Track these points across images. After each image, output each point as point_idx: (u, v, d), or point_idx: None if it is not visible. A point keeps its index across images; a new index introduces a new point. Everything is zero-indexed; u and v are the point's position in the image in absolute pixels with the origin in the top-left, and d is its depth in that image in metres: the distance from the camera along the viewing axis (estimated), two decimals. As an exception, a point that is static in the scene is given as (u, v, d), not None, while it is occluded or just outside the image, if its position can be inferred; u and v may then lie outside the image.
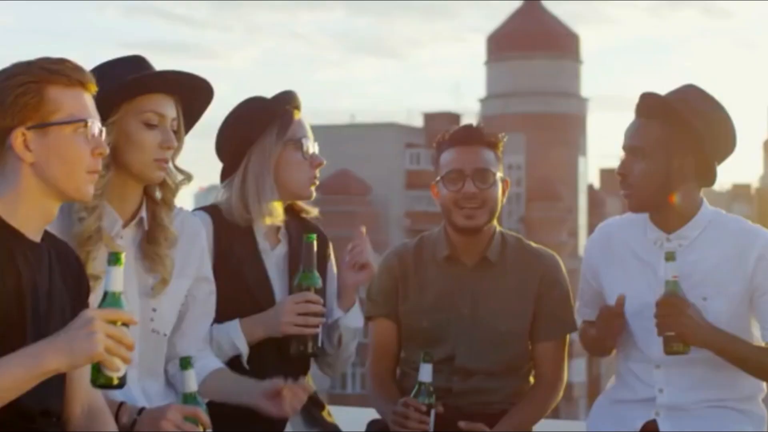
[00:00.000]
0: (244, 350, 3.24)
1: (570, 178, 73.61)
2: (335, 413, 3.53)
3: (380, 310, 3.62)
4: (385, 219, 60.59)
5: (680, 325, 3.09)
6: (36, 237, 2.49)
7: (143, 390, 2.95)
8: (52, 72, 2.43)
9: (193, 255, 3.07)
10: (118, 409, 2.76)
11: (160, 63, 2.99)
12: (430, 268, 3.58)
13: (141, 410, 2.76)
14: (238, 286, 3.28)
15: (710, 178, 3.28)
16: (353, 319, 3.41)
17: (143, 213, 2.94)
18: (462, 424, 3.41)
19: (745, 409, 3.31)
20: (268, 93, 3.38)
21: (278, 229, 3.40)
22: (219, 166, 3.41)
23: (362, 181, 59.64)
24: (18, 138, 2.41)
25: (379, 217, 58.88)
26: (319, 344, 3.22)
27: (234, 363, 3.24)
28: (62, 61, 2.47)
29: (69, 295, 2.55)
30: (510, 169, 60.63)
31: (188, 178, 2.99)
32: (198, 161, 3.00)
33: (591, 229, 3.65)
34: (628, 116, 3.43)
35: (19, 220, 2.44)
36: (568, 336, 3.64)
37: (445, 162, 3.55)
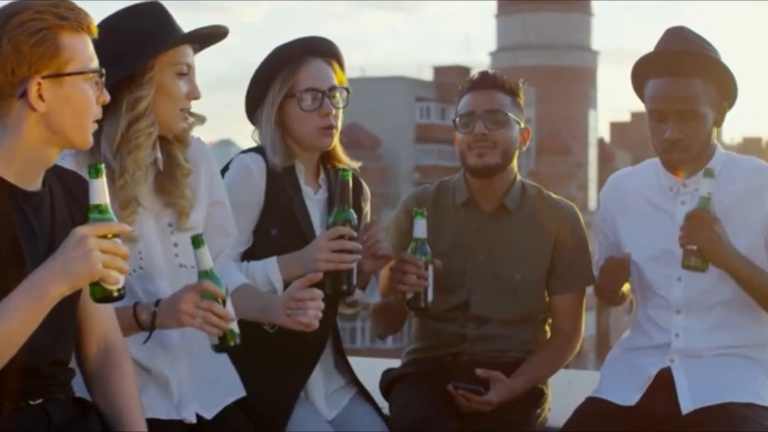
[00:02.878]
0: (279, 286, 3.21)
1: (580, 131, 73.43)
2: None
3: (395, 252, 3.57)
4: (395, 173, 60.54)
5: (704, 239, 3.07)
6: (34, 185, 2.46)
7: (176, 332, 2.92)
8: (63, 18, 2.39)
9: (202, 183, 3.05)
10: (134, 311, 2.77)
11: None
12: (449, 213, 3.58)
13: (157, 302, 2.77)
14: (290, 224, 3.29)
15: (723, 118, 3.30)
16: (370, 295, 3.43)
17: (158, 153, 2.94)
18: (479, 371, 3.41)
19: (759, 357, 3.31)
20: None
21: (317, 174, 3.42)
22: (229, 121, 3.42)
23: (372, 135, 59.45)
24: (33, 87, 2.37)
25: (389, 170, 58.84)
26: (354, 282, 3.16)
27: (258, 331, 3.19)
28: (69, 5, 2.42)
29: None
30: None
31: (201, 120, 2.99)
32: (208, 115, 2.99)
33: (601, 182, 3.67)
34: (639, 70, 3.37)
35: (16, 171, 2.41)
36: (585, 288, 3.63)
37: (460, 107, 3.56)
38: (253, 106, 3.39)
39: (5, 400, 2.38)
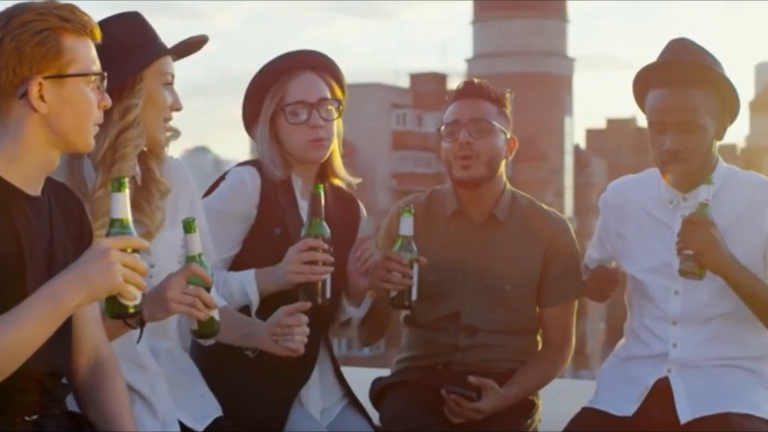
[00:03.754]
0: (254, 299, 3.20)
1: (556, 138, 73.69)
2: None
3: None
4: (371, 180, 60.54)
5: (701, 243, 3.05)
6: (36, 190, 2.44)
7: (152, 349, 2.91)
8: (66, 20, 2.38)
9: (182, 202, 3.03)
10: None
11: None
12: (439, 223, 3.55)
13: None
14: (281, 236, 3.27)
15: (725, 130, 3.27)
16: (364, 312, 3.41)
17: (137, 169, 2.92)
18: (472, 378, 3.39)
19: (757, 369, 3.29)
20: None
21: None
22: (205, 128, 3.42)
23: (348, 142, 59.33)
24: (34, 88, 2.36)
25: (365, 177, 58.54)
26: (327, 294, 3.15)
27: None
28: (72, 8, 2.42)
29: (72, 242, 2.51)
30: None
31: (176, 133, 2.97)
32: (184, 122, 3.00)
33: (577, 189, 3.67)
34: (614, 76, 3.40)
35: (19, 174, 2.39)
36: (576, 301, 3.62)
37: (445, 116, 3.55)
38: (250, 120, 3.40)
39: (2, 416, 2.35)
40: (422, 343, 3.60)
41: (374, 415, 3.52)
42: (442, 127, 3.53)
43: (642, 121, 3.29)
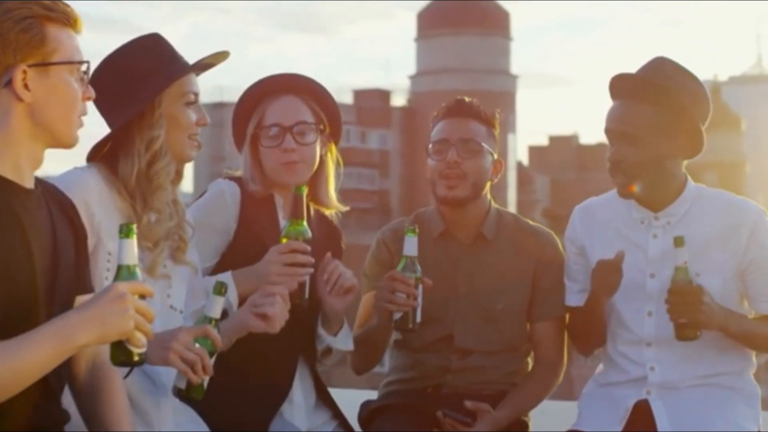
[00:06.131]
0: (234, 301, 3.14)
1: (499, 155, 73.96)
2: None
3: (373, 286, 3.47)
4: (315, 196, 60.26)
5: (696, 312, 3.05)
6: (29, 183, 2.42)
7: (165, 369, 2.87)
8: (49, 9, 2.37)
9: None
10: None
11: (85, 39, 2.94)
12: (426, 245, 3.47)
13: None
14: (259, 252, 3.21)
15: (698, 148, 3.25)
16: (342, 342, 3.35)
17: None
18: (468, 403, 3.38)
19: (737, 385, 3.30)
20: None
21: None
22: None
23: (292, 158, 59.03)
24: (19, 76, 2.33)
25: (309, 193, 58.52)
26: (306, 295, 3.12)
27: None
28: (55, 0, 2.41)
29: (71, 239, 2.50)
30: (440, 146, 60.50)
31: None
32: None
33: (520, 205, 3.68)
34: (556, 93, 3.41)
35: (10, 165, 2.36)
36: (566, 316, 3.58)
37: (433, 134, 3.53)
38: (239, 140, 3.39)
39: None
40: (411, 366, 3.57)
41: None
42: (430, 145, 3.50)
43: (584, 138, 3.29)
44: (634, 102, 3.20)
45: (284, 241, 3.12)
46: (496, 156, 3.54)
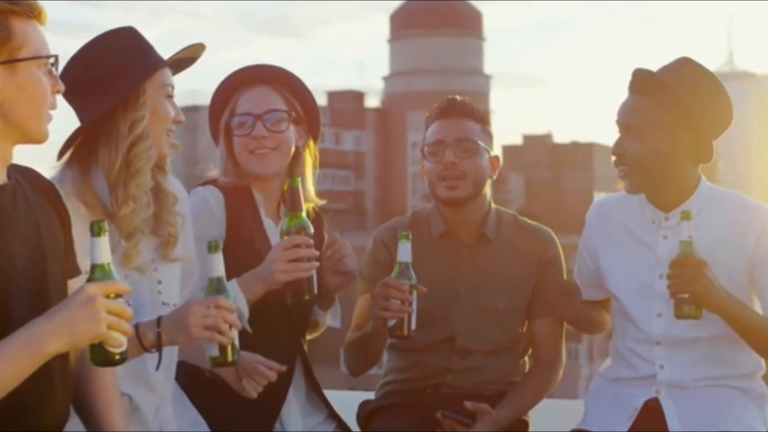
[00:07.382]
0: (244, 307, 3.07)
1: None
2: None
3: (372, 286, 3.39)
4: (290, 198, 60.15)
5: (697, 285, 2.96)
6: (1, 180, 2.36)
7: (161, 375, 2.85)
8: (13, 3, 2.31)
9: (181, 218, 3.00)
10: (137, 331, 2.62)
11: (61, 44, 2.94)
12: (426, 246, 3.46)
13: (159, 320, 2.64)
14: (252, 254, 3.18)
15: (706, 154, 3.20)
16: (331, 318, 3.35)
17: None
18: (468, 404, 3.35)
19: (746, 387, 3.27)
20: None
21: (278, 206, 3.35)
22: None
23: (267, 161, 58.85)
24: None
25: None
26: (314, 290, 3.07)
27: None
28: None
29: (56, 223, 2.46)
30: (414, 147, 61.02)
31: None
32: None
33: (495, 204, 3.62)
34: (529, 93, 3.42)
35: None
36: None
37: (428, 135, 3.50)
38: (215, 135, 3.36)
39: None
40: (411, 366, 3.54)
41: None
42: (425, 147, 3.48)
43: (558, 137, 3.32)
44: (638, 96, 3.20)
45: (284, 237, 3.06)
46: (492, 153, 3.53)
